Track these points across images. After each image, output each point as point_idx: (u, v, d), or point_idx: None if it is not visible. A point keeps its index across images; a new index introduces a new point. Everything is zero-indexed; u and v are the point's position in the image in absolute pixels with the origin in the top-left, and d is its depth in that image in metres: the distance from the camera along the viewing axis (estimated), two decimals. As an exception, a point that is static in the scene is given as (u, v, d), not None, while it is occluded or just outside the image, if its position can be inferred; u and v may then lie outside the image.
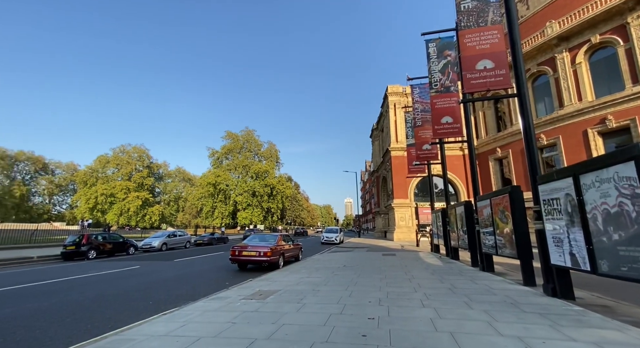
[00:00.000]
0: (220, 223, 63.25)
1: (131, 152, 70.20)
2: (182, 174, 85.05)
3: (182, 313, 5.11)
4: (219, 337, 3.88)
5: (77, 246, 15.69)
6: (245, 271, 10.98)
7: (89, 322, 5.10)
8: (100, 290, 7.77)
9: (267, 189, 63.99)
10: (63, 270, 11.67)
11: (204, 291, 7.36)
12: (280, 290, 6.79)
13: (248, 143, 69.57)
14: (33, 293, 7.55)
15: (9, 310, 5.90)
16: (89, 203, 62.17)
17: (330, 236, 26.50)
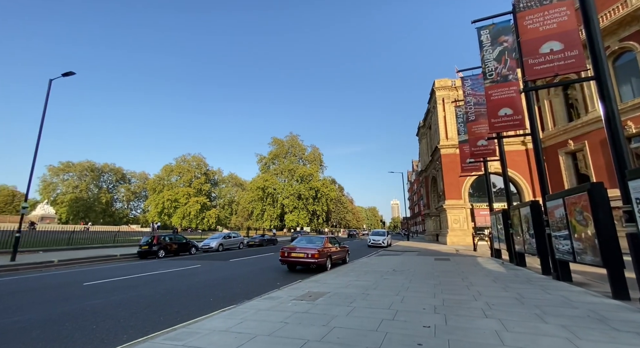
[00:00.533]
0: (269, 225, 66.15)
1: (191, 161, 77.47)
2: (234, 179, 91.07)
3: (239, 310, 5.41)
4: (273, 335, 4.01)
5: (149, 246, 17.74)
6: (295, 272, 11.25)
7: (161, 314, 5.70)
8: (169, 286, 8.64)
9: (312, 192, 65.15)
10: (139, 267, 13.28)
11: (257, 291, 7.72)
12: (330, 292, 6.80)
13: (293, 148, 71.76)
14: (117, 287, 8.71)
15: (100, 300, 6.89)
16: (158, 208, 70.06)
17: (377, 239, 25.85)
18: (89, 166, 73.88)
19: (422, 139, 43.20)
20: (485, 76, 11.28)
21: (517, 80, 10.77)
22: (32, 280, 10.12)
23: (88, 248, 21.12)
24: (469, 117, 15.91)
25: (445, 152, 29.11)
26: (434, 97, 32.56)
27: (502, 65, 10.64)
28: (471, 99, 15.85)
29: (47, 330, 4.81)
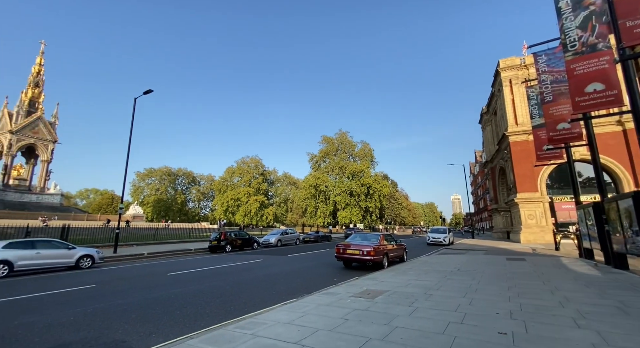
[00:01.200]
0: (322, 222, 67.35)
1: (249, 162, 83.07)
2: (288, 178, 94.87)
3: (300, 304, 5.61)
4: (334, 331, 4.05)
5: (218, 242, 19.59)
6: (351, 269, 11.24)
7: (231, 304, 6.22)
8: (236, 278, 9.40)
9: (364, 189, 64.25)
10: (210, 261, 14.74)
11: (315, 285, 7.91)
12: (389, 291, 6.61)
13: (342, 145, 71.67)
14: (194, 277, 9.80)
15: (180, 289, 7.83)
16: (223, 206, 76.86)
17: (437, 237, 24.29)
18: (166, 171, 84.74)
19: (486, 127, 39.15)
20: (566, 47, 9.63)
21: (610, 48, 8.95)
22: (129, 269, 12.01)
23: (169, 242, 24.23)
24: (545, 98, 13.84)
25: (515, 139, 25.89)
26: (498, 79, 29.19)
27: (589, 33, 8.92)
28: (547, 77, 13.77)
29: (142, 313, 5.64)
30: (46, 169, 44.34)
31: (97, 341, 4.19)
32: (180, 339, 3.94)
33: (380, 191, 65.84)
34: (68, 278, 9.79)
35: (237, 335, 3.97)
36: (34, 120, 41.75)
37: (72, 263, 11.98)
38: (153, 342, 4.06)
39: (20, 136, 40.41)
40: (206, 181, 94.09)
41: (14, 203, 38.65)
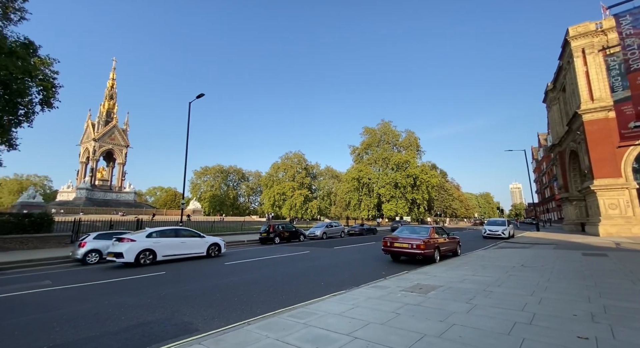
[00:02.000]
0: (367, 215, 66.59)
1: (292, 158, 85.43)
2: (330, 172, 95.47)
3: (350, 296, 5.61)
4: (387, 325, 3.96)
5: (267, 234, 20.61)
6: (399, 263, 10.92)
7: (282, 293, 6.49)
8: (286, 269, 9.78)
9: (410, 180, 61.71)
10: (261, 252, 15.57)
11: (363, 278, 7.85)
12: (442, 286, 6.27)
13: (385, 135, 69.48)
14: (247, 267, 10.44)
15: (236, 278, 8.41)
16: (270, 201, 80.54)
17: (495, 230, 22.34)
18: (219, 169, 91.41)
19: (552, 106, 34.54)
20: (660, 0, 7.91)
21: None
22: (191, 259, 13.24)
23: (224, 234, 26.17)
24: (631, 66, 11.64)
25: (591, 118, 22.40)
26: (568, 49, 25.40)
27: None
28: (633, 40, 11.54)
29: (205, 298, 6.18)
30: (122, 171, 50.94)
31: (170, 322, 4.70)
32: (239, 324, 4.22)
33: (427, 182, 62.68)
34: (142, 267, 11.15)
35: (290, 323, 4.11)
36: (110, 128, 48.09)
37: (146, 252, 13.62)
38: (216, 326, 4.41)
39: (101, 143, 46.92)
40: (254, 177, 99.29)
41: (99, 200, 45.25)
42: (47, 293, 6.93)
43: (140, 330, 4.36)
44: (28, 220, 16.01)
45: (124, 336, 4.13)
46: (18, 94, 14.99)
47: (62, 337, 4.13)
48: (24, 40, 15.47)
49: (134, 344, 3.85)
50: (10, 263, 11.16)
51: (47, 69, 15.74)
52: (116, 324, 4.61)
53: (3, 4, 15.09)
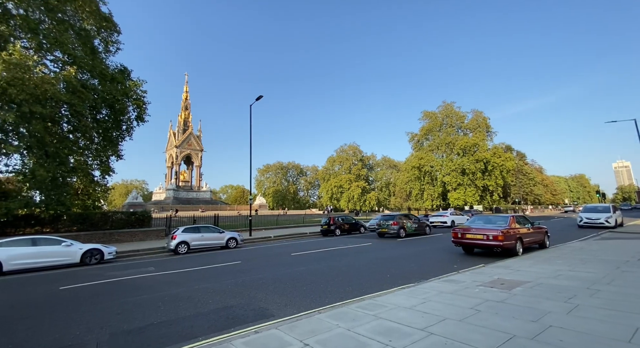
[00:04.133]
0: (430, 205, 62.72)
1: (347, 150, 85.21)
2: (387, 162, 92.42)
3: (419, 290, 5.35)
4: (465, 322, 3.65)
5: (328, 226, 21.04)
6: (472, 255, 10.02)
7: (348, 284, 6.54)
8: (350, 260, 9.83)
9: (480, 165, 55.77)
10: (323, 243, 15.98)
11: (432, 271, 7.41)
12: (530, 282, 5.52)
13: (448, 118, 63.88)
14: (312, 258, 10.82)
15: (303, 268, 8.79)
16: (328, 194, 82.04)
17: (596, 218, 18.71)
18: (279, 166, 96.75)
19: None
20: None
21: None
22: (263, 249, 14.32)
23: (288, 227, 27.65)
24: None
25: None
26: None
27: None
28: None
29: (277, 286, 6.60)
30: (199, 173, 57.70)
31: (248, 307, 5.15)
32: (310, 312, 4.39)
33: (501, 166, 55.92)
34: (222, 256, 12.49)
35: (360, 314, 4.11)
36: (187, 136, 54.75)
37: (223, 243, 15.23)
38: (289, 312, 4.67)
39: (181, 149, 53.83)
40: (311, 171, 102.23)
41: (183, 199, 52.18)
42: (152, 278, 8.28)
43: (225, 312, 4.87)
44: (134, 217, 19.35)
45: (212, 317, 4.67)
46: (120, 113, 18.10)
47: (167, 315, 4.88)
48: (120, 67, 18.54)
49: (222, 325, 4.32)
50: (124, 252, 13.67)
51: (139, 89, 18.58)
52: (205, 306, 5.25)
53: (104, 38, 18.28)
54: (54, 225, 16.14)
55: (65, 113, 16.51)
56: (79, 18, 16.85)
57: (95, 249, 11.62)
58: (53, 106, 15.01)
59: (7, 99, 12.71)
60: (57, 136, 16.52)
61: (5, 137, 14.61)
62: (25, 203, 14.39)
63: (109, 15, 17.68)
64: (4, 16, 14.33)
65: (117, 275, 8.75)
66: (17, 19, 14.66)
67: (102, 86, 16.84)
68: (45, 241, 10.96)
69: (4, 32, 13.70)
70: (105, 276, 8.72)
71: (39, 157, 14.95)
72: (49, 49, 15.81)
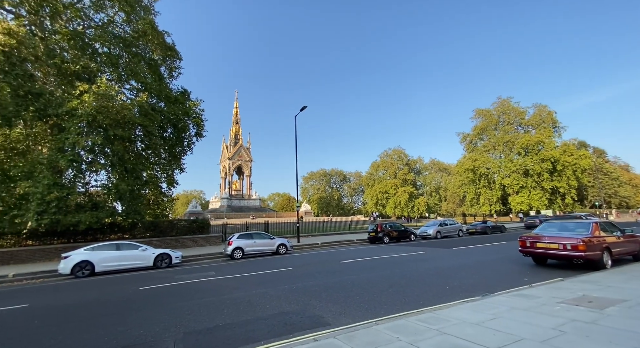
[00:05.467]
0: (488, 210, 57.43)
1: (392, 154, 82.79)
2: (436, 165, 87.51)
3: (486, 304, 4.89)
4: (549, 344, 3.22)
5: (375, 233, 20.53)
6: (546, 267, 8.88)
7: (403, 295, 6.25)
8: (403, 270, 9.43)
9: (546, 165, 49.58)
10: (372, 251, 15.60)
11: (498, 284, 6.73)
12: (628, 301, 4.68)
13: (505, 115, 58.37)
14: (362, 266, 10.63)
15: (354, 276, 8.66)
16: (373, 200, 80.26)
17: None
18: (322, 173, 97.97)
19: None
20: None
21: None
22: (311, 256, 14.51)
23: (334, 234, 27.65)
24: None
25: None
26: None
27: None
28: None
29: (330, 294, 6.60)
30: (249, 182, 61.25)
31: (304, 313, 5.23)
32: (367, 323, 4.29)
33: (574, 165, 49.15)
34: (273, 262, 12.96)
35: (421, 328, 3.89)
36: (238, 148, 58.75)
37: (273, 250, 15.80)
38: (344, 321, 4.63)
39: (233, 161, 57.88)
40: (354, 177, 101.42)
41: (236, 207, 55.71)
42: (213, 281, 8.93)
43: (282, 318, 5.02)
44: (195, 224, 21.21)
45: (271, 322, 4.84)
46: (182, 130, 20.24)
47: (230, 317, 5.19)
48: (182, 90, 20.80)
49: (280, 330, 4.45)
50: (188, 257, 15.00)
51: (197, 108, 20.58)
52: (263, 311, 5.47)
53: (168, 66, 20.77)
54: (132, 231, 18.45)
55: (139, 133, 18.96)
56: (148, 50, 19.38)
57: (165, 254, 12.95)
58: (130, 128, 17.37)
59: (96, 124, 15.08)
60: (133, 153, 19.02)
61: (95, 157, 17.30)
62: (110, 212, 16.71)
63: (172, 45, 20.01)
64: (93, 55, 17.16)
65: (183, 278, 9.61)
66: (102, 57, 17.42)
67: (167, 108, 19.03)
68: (126, 246, 12.57)
69: (93, 69, 16.35)
70: (174, 279, 9.65)
71: (119, 173, 17.34)
72: (127, 79, 18.47)
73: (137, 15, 18.58)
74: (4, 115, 13.21)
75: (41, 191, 13.20)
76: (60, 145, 14.26)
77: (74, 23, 17.41)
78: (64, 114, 14.24)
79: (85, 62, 15.87)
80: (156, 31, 18.47)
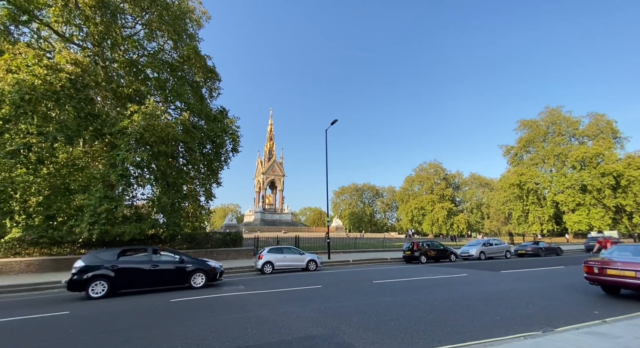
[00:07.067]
0: (538, 229, 51.94)
1: (428, 169, 79.53)
2: (477, 180, 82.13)
3: (548, 342, 4.10)
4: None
5: (412, 252, 19.32)
6: (618, 298, 7.50)
7: (446, 324, 5.53)
8: (444, 294, 8.54)
9: (608, 180, 44.01)
10: (408, 271, 14.58)
11: (561, 317, 5.74)
12: None
13: (555, 125, 53.62)
14: (398, 287, 9.86)
15: (388, 299, 8.01)
16: (408, 216, 76.94)
17: None
18: (354, 188, 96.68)
19: None
20: None
21: None
22: (342, 274, 13.91)
23: (366, 251, 26.59)
24: None
25: None
26: None
27: None
28: None
29: (361, 318, 6.08)
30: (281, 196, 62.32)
31: (332, 340, 4.80)
32: (403, 356, 3.76)
33: (642, 180, 43.09)
34: (303, 278, 12.60)
35: (469, 368, 3.29)
36: (272, 163, 60.53)
37: (303, 265, 15.48)
38: (377, 352, 4.13)
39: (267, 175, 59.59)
40: (387, 192, 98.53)
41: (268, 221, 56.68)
42: (242, 297, 8.81)
43: (308, 343, 4.64)
44: (229, 237, 21.73)
45: (296, 346, 4.49)
46: (220, 146, 21.28)
47: (253, 338, 4.94)
48: (220, 109, 22.05)
49: (305, 356, 4.08)
50: (220, 269, 15.24)
51: (234, 125, 21.59)
52: (289, 333, 5.14)
53: (209, 87, 22.29)
54: (171, 243, 19.35)
55: (181, 150, 20.26)
56: (192, 73, 20.99)
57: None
58: (173, 145, 18.63)
59: (143, 142, 16.37)
60: (175, 168, 20.27)
61: (142, 172, 18.71)
62: (152, 224, 17.73)
63: (212, 68, 21.48)
64: (144, 80, 18.97)
65: (214, 292, 9.64)
66: (152, 81, 19.18)
67: (207, 125, 20.21)
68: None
69: (144, 92, 17.99)
70: (205, 292, 9.71)
71: (162, 186, 18.50)
72: (172, 100, 20.06)
73: (182, 42, 20.35)
74: (68, 135, 14.88)
75: (94, 203, 14.42)
76: (112, 161, 15.62)
77: (130, 52, 19.52)
78: (117, 132, 15.68)
79: (137, 85, 17.56)
80: (199, 56, 19.99)
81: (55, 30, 16.88)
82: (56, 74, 14.37)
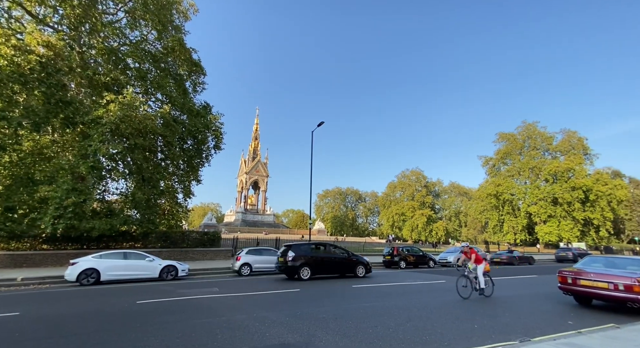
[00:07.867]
0: (512, 238, 53.97)
1: (410, 176, 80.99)
2: (456, 188, 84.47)
3: (528, 354, 4.02)
4: None
5: (391, 257, 19.35)
6: (590, 309, 7.68)
7: (424, 332, 5.39)
8: (422, 300, 8.47)
9: (577, 194, 46.41)
10: (388, 276, 14.52)
11: (537, 326, 5.76)
12: None
13: (530, 140, 56.14)
14: (377, 293, 9.72)
15: (367, 304, 7.81)
16: (389, 221, 77.83)
17: None
18: (338, 191, 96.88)
19: None
20: None
21: None
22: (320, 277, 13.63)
23: (348, 255, 26.42)
24: None
25: None
26: None
27: None
28: None
29: (338, 325, 5.85)
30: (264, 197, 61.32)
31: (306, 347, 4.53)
32: (381, 367, 3.55)
33: (609, 196, 45.77)
34: (281, 281, 12.23)
35: (449, 381, 3.13)
36: (256, 163, 59.52)
37: (283, 268, 15.07)
38: (354, 362, 3.90)
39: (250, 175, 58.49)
40: (370, 197, 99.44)
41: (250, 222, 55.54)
42: (215, 299, 8.35)
43: (282, 350, 4.35)
44: (206, 237, 20.95)
45: (268, 355, 4.19)
46: (202, 142, 20.55)
47: (221, 346, 4.57)
48: (204, 104, 21.35)
49: (277, 367, 3.79)
50: (195, 270, 14.57)
51: (217, 121, 20.94)
52: (262, 340, 4.81)
53: (193, 80, 21.54)
54: (144, 241, 18.39)
55: (160, 144, 19.39)
56: (176, 65, 20.23)
57: (171, 266, 12.60)
58: (151, 139, 17.79)
59: (119, 133, 15.51)
60: (153, 163, 19.37)
61: (115, 165, 17.72)
62: (124, 220, 16.79)
63: (198, 61, 20.80)
64: (124, 69, 18.06)
65: (185, 294, 9.11)
66: (133, 71, 18.30)
67: (189, 120, 19.48)
68: (133, 255, 12.34)
69: (122, 81, 17.11)
70: (176, 293, 9.17)
71: (137, 181, 17.59)
72: (153, 92, 19.21)
73: (167, 34, 19.58)
74: (35, 121, 13.84)
75: (60, 195, 13.44)
76: (84, 152, 14.68)
77: (111, 40, 18.56)
78: (90, 122, 14.77)
79: (116, 74, 16.66)
80: (184, 48, 19.30)
81: (28, 10, 15.79)
82: (25, 55, 13.39)
